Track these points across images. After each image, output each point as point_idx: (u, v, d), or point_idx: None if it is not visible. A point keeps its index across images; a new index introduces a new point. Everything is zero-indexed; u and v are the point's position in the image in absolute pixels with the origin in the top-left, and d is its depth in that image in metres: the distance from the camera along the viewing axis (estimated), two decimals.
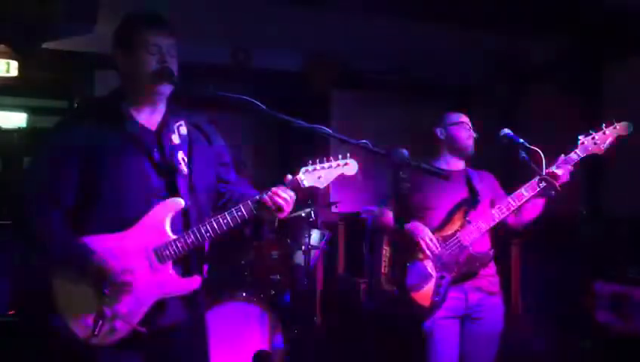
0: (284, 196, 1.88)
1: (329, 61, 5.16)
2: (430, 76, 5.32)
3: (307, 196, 3.87)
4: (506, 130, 2.50)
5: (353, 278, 4.53)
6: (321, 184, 1.93)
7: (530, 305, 4.16)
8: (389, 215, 2.70)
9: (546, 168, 2.42)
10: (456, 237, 2.55)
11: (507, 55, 4.94)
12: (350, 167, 1.94)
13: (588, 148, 2.50)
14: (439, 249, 2.53)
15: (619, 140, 2.51)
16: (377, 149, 1.77)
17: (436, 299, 2.50)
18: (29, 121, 6.44)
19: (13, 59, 4.40)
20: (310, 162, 1.94)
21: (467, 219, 2.57)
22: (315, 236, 4.38)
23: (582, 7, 4.04)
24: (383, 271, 4.03)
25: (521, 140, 2.44)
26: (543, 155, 2.37)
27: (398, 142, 2.86)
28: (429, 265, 2.54)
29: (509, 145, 2.49)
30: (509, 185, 2.77)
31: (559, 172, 2.45)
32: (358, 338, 4.30)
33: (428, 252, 2.53)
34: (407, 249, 2.58)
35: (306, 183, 1.92)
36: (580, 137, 2.53)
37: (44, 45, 4.34)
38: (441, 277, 2.52)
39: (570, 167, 2.48)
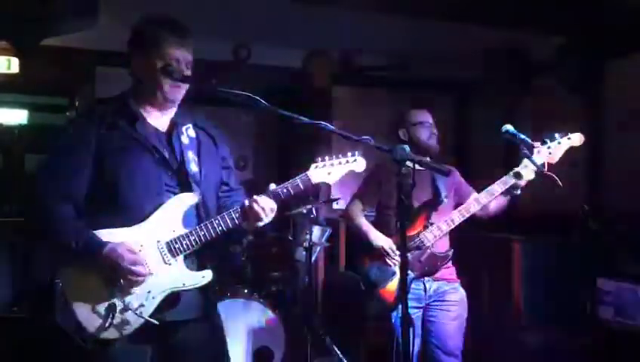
0: (263, 206, 1.89)
1: (329, 58, 5.15)
2: (431, 73, 5.31)
3: (310, 192, 3.87)
4: (508, 127, 2.50)
5: (354, 275, 4.53)
6: (331, 180, 1.97)
7: (531, 302, 4.16)
8: (355, 210, 2.88)
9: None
10: (419, 238, 2.67)
11: (509, 52, 4.93)
12: (359, 163, 1.98)
13: (542, 157, 2.53)
14: (398, 261, 2.66)
15: (572, 150, 2.55)
16: (380, 145, 1.78)
17: (400, 295, 2.60)
18: (29, 118, 6.46)
19: (14, 56, 4.40)
20: (320, 159, 1.96)
21: (430, 221, 2.69)
22: (316, 232, 4.38)
23: (582, 3, 4.04)
24: None
25: (523, 136, 2.45)
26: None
27: (399, 139, 2.88)
28: (393, 264, 2.71)
29: (511, 142, 2.50)
30: None
31: (524, 173, 2.52)
32: (359, 335, 4.30)
33: (391, 263, 2.71)
34: (369, 248, 2.77)
35: (316, 179, 1.95)
36: (535, 145, 2.54)
37: (45, 42, 4.33)
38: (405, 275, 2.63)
39: (535, 170, 2.52)
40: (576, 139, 2.54)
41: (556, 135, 2.54)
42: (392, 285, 2.69)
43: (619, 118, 4.26)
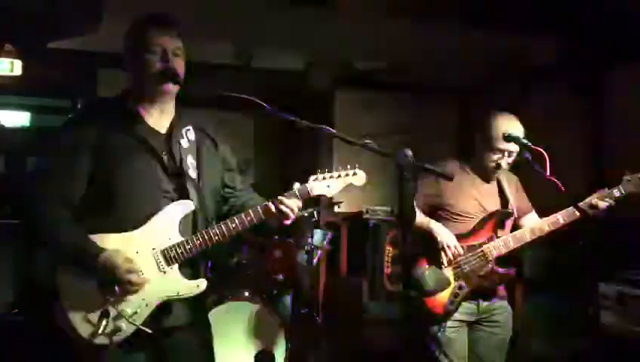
0: (290, 204, 1.91)
1: (331, 61, 5.15)
2: (431, 76, 5.31)
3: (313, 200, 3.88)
4: (510, 131, 2.48)
5: (355, 278, 4.53)
6: (330, 192, 1.97)
7: (532, 307, 4.14)
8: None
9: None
10: (482, 250, 2.48)
11: (508, 56, 4.93)
12: (358, 177, 1.99)
13: (632, 187, 2.47)
14: (462, 256, 2.47)
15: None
16: (381, 149, 1.77)
17: (450, 308, 2.46)
18: (32, 120, 6.45)
19: (17, 58, 4.41)
20: (319, 171, 1.97)
21: (496, 233, 2.51)
22: (317, 236, 4.38)
23: (582, 8, 4.04)
24: (385, 270, 4.00)
25: (525, 141, 2.43)
26: (547, 156, 2.36)
27: (400, 142, 2.86)
28: (449, 272, 2.48)
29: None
30: None
31: (600, 204, 2.44)
32: (360, 338, 4.29)
33: (451, 258, 2.46)
34: (427, 250, 2.51)
35: (315, 191, 1.96)
36: (626, 172, 2.49)
37: (48, 45, 4.35)
38: (459, 287, 2.48)
39: (612, 202, 2.45)
40: None
41: None
42: (443, 296, 2.46)
43: (619, 122, 4.25)
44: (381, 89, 5.46)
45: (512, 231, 2.58)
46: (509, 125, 2.51)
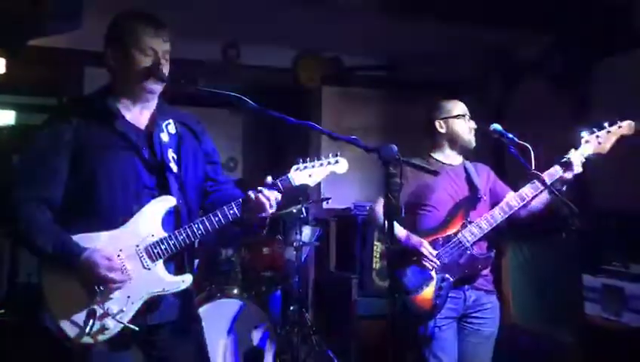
0: (268, 196, 1.89)
1: (319, 58, 5.15)
2: (419, 72, 5.33)
3: (298, 193, 3.88)
4: (496, 126, 2.50)
5: (345, 274, 4.55)
6: (312, 182, 1.95)
7: (518, 300, 4.18)
8: (381, 210, 2.53)
9: (536, 165, 2.40)
10: (457, 239, 2.49)
11: (497, 51, 4.96)
12: (340, 165, 1.96)
13: (591, 147, 2.47)
14: (438, 263, 2.47)
15: (621, 140, 2.46)
16: (367, 145, 1.78)
17: (437, 303, 2.46)
18: (17, 119, 6.40)
19: (0, 56, 4.37)
20: (301, 160, 1.95)
21: (468, 219, 2.51)
22: (306, 232, 4.38)
23: (571, 4, 4.06)
24: (374, 266, 4.02)
25: (511, 135, 2.45)
26: (532, 151, 2.38)
27: (388, 138, 2.87)
28: (430, 266, 2.48)
29: (499, 141, 2.50)
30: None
31: (563, 172, 2.45)
32: (350, 335, 4.31)
33: (429, 266, 2.47)
34: (404, 252, 2.51)
35: (297, 181, 1.94)
36: (583, 134, 2.48)
37: (32, 42, 4.30)
38: (443, 280, 2.48)
39: (582, 159, 2.47)
40: (627, 127, 2.44)
41: (605, 124, 2.45)
42: (428, 291, 2.47)
43: (606, 116, 4.29)
44: (369, 86, 5.47)
45: None
46: (452, 104, 2.68)
